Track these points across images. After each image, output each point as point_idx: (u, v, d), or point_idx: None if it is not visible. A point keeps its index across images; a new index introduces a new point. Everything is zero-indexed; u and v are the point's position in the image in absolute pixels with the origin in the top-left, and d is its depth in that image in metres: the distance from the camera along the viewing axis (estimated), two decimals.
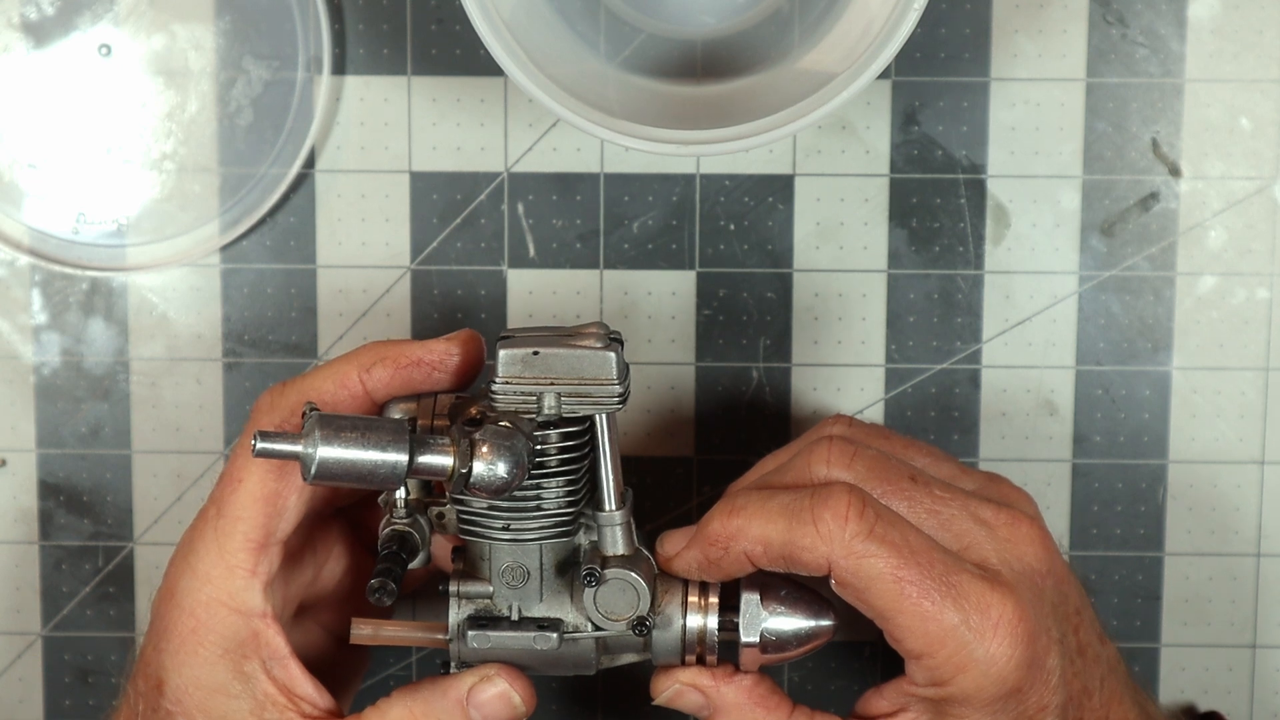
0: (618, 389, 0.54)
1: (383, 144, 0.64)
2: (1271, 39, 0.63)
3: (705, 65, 0.61)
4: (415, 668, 0.66)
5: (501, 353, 0.54)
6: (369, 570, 0.55)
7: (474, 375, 0.56)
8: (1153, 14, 0.63)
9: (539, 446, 0.54)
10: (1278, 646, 0.66)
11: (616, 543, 0.55)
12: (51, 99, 0.64)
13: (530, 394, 0.54)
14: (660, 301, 0.65)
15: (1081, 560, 0.66)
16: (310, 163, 0.64)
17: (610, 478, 0.55)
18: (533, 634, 0.55)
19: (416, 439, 0.52)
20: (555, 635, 0.55)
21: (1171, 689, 0.66)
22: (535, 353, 0.54)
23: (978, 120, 0.64)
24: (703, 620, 0.56)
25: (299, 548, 0.58)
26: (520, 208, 0.64)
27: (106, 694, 0.66)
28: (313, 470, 0.51)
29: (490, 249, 0.65)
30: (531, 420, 0.54)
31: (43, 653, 0.66)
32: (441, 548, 0.59)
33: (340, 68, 0.64)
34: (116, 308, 0.65)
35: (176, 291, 0.65)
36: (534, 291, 0.65)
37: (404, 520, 0.55)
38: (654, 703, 0.56)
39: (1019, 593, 0.53)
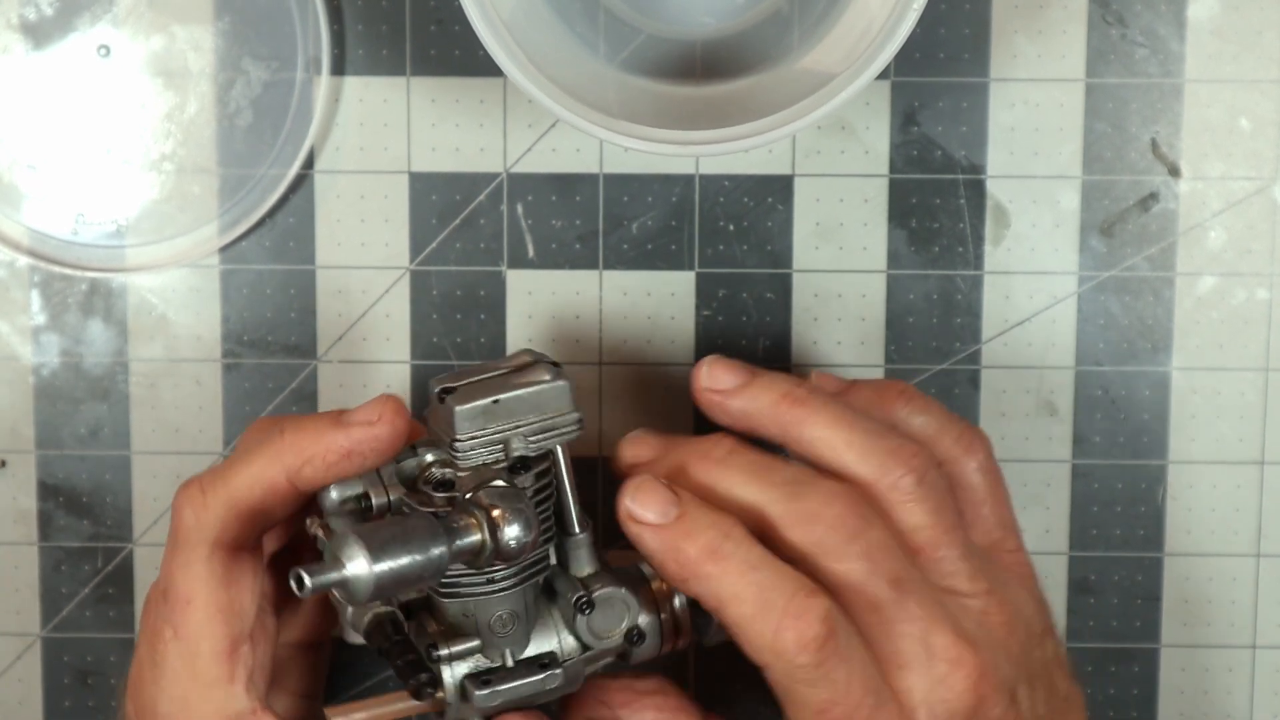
0: (576, 416, 0.54)
1: (382, 145, 0.64)
2: (1271, 39, 0.63)
3: (705, 66, 0.61)
4: None
5: (458, 410, 0.52)
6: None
7: (403, 444, 0.54)
8: (1152, 14, 0.63)
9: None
10: (1278, 647, 0.66)
11: (585, 562, 0.55)
12: (50, 100, 0.64)
13: (495, 443, 0.53)
14: (660, 301, 0.65)
15: (1081, 560, 0.66)
16: (309, 163, 0.64)
17: (573, 500, 0.55)
18: (540, 675, 0.54)
19: (445, 526, 0.50)
20: (559, 670, 0.54)
21: (1171, 689, 0.66)
22: (495, 401, 0.53)
23: (977, 121, 0.64)
24: (673, 603, 0.55)
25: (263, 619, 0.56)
26: (519, 208, 0.64)
27: (106, 695, 0.66)
28: (368, 593, 0.48)
29: (489, 249, 0.65)
30: (502, 469, 0.53)
31: (42, 654, 0.66)
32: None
33: (339, 68, 0.64)
34: (116, 309, 0.65)
35: (176, 292, 0.65)
36: (533, 292, 0.65)
37: (384, 608, 0.54)
38: None
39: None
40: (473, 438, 0.53)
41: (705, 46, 0.61)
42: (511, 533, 0.50)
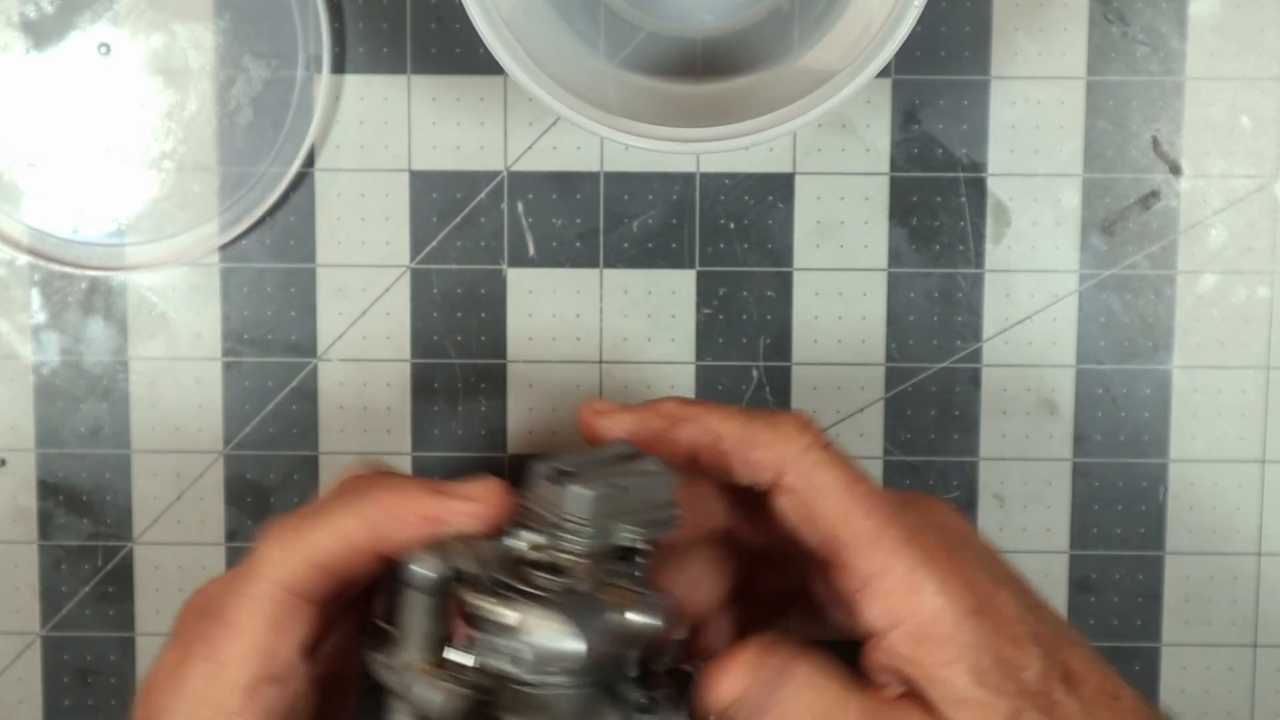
0: (676, 511, 0.52)
1: (382, 143, 0.64)
2: (1272, 37, 0.63)
3: (705, 64, 0.61)
4: None
5: (580, 493, 0.50)
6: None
7: (501, 526, 0.52)
8: (1153, 12, 0.63)
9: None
10: (1279, 646, 0.66)
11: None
12: (51, 98, 0.64)
13: (602, 530, 0.50)
14: (660, 301, 0.65)
15: (1082, 559, 0.65)
16: (310, 161, 0.64)
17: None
18: None
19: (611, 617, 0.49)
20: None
21: (1172, 688, 0.66)
22: (619, 488, 0.50)
23: (978, 118, 0.64)
24: None
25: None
26: (520, 206, 0.64)
27: (106, 694, 0.66)
28: (579, 664, 0.48)
29: (490, 248, 0.65)
30: (612, 556, 0.51)
31: (42, 653, 0.66)
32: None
33: (340, 67, 0.64)
34: (116, 307, 0.65)
35: (176, 291, 0.65)
36: (534, 291, 0.65)
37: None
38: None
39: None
40: (587, 524, 0.50)
41: (706, 44, 0.61)
42: (652, 624, 0.49)
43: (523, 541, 0.51)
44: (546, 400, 0.65)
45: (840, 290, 0.65)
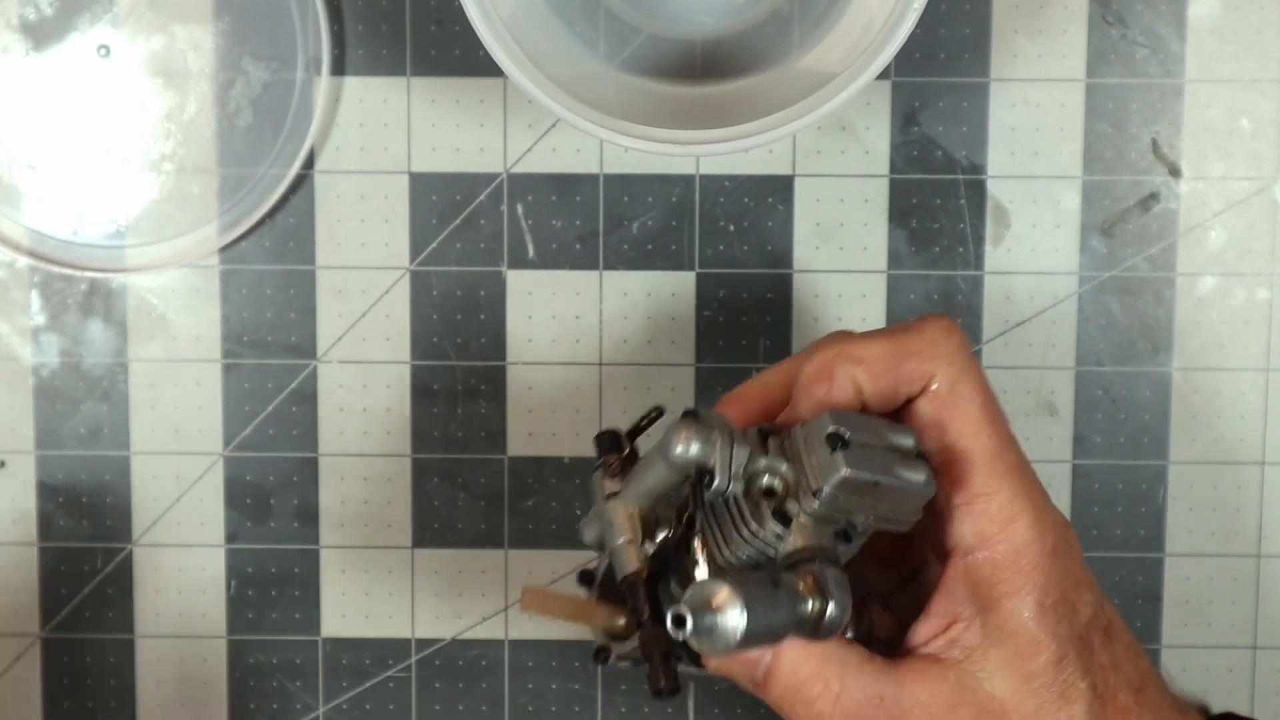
0: (913, 520, 0.50)
1: (382, 145, 0.64)
2: (1272, 39, 0.63)
3: (705, 65, 0.61)
4: (414, 668, 0.66)
5: (845, 474, 0.49)
6: None
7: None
8: (1152, 14, 0.63)
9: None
10: (1278, 647, 0.66)
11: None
12: (50, 100, 0.64)
13: (837, 506, 0.49)
14: (660, 302, 0.65)
15: None
16: (309, 163, 0.64)
17: None
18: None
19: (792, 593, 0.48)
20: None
21: None
22: (876, 484, 0.49)
23: (977, 121, 0.64)
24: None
25: None
26: (519, 208, 0.64)
27: (106, 695, 0.66)
28: (731, 645, 0.47)
29: (490, 250, 0.65)
30: (836, 531, 0.50)
31: (41, 654, 0.66)
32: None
33: (339, 68, 0.64)
34: (115, 309, 0.65)
35: (175, 292, 0.65)
36: (533, 292, 0.65)
37: None
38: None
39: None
40: (827, 496, 0.49)
41: (705, 46, 0.61)
42: (834, 615, 0.48)
43: (772, 470, 0.50)
44: (546, 402, 0.65)
45: (840, 292, 0.65)
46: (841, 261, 0.65)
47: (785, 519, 0.49)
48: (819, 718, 0.50)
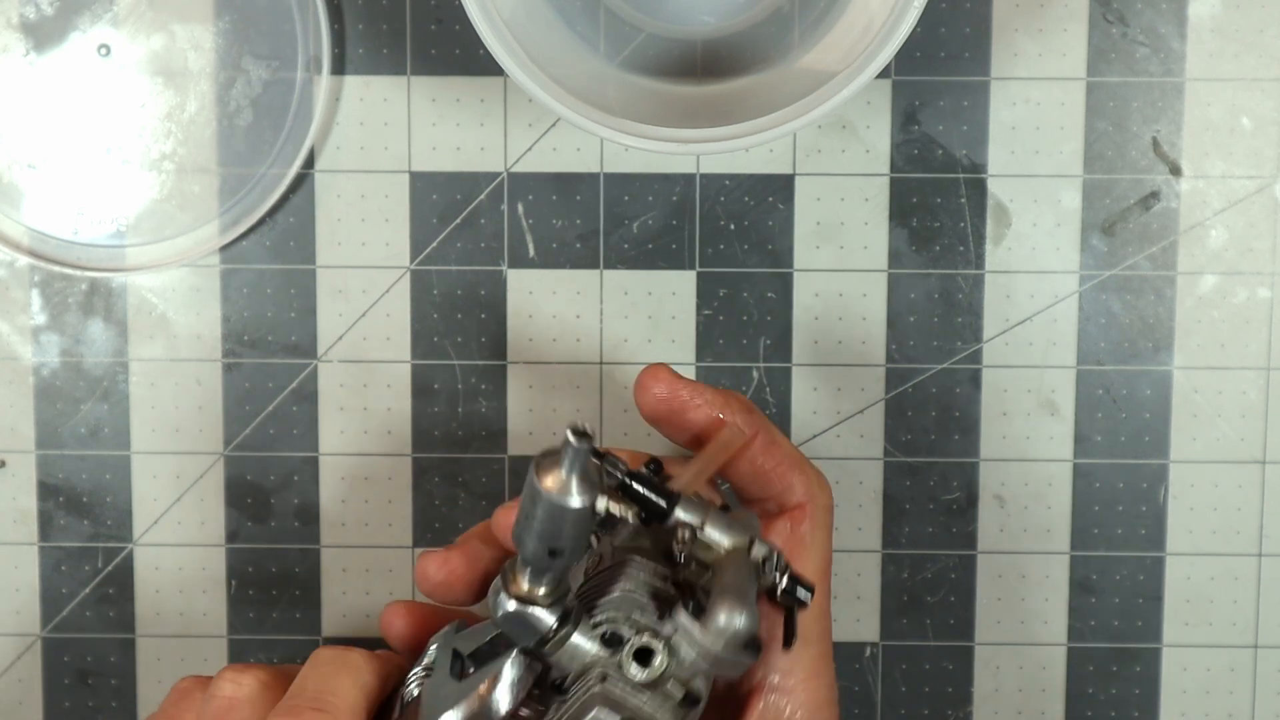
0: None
1: (382, 144, 0.64)
2: (1273, 38, 0.63)
3: (705, 65, 0.61)
4: None
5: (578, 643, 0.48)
6: None
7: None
8: (1153, 13, 0.63)
9: None
10: (1279, 647, 0.66)
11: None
12: (51, 99, 0.64)
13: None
14: (660, 301, 0.65)
15: (1083, 560, 0.65)
16: (310, 163, 0.64)
17: None
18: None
19: None
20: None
21: (1173, 689, 0.66)
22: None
23: (978, 119, 0.64)
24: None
25: None
26: (520, 208, 0.64)
27: (106, 695, 0.66)
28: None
29: (490, 249, 0.65)
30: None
31: (42, 654, 0.66)
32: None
33: (340, 68, 0.64)
34: (116, 308, 0.65)
35: (176, 292, 0.65)
36: (534, 292, 0.65)
37: None
38: None
39: None
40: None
41: (706, 45, 0.61)
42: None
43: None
44: (547, 402, 0.65)
45: (840, 291, 0.65)
46: (842, 260, 0.65)
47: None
48: None
